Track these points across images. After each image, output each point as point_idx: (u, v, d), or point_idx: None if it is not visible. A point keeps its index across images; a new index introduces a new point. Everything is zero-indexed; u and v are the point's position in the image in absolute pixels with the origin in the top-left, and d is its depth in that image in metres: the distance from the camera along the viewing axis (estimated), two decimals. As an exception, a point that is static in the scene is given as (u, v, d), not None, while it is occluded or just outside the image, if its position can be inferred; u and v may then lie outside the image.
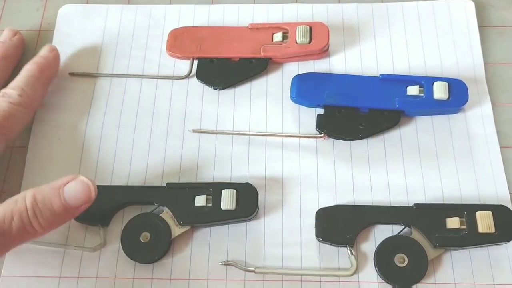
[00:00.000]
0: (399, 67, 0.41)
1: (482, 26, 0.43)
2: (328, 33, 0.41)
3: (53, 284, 0.35)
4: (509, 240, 0.34)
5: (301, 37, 0.41)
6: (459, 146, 0.38)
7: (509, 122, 0.39)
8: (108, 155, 0.39)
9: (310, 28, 0.41)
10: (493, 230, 0.33)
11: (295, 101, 0.40)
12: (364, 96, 0.39)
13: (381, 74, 0.40)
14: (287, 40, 0.41)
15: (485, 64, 0.41)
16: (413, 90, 0.39)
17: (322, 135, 0.38)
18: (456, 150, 0.38)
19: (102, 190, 0.36)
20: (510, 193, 0.37)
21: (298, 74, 0.40)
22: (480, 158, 0.38)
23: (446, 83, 0.38)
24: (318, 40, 0.41)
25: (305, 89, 0.40)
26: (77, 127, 0.40)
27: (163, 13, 0.45)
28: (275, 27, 0.42)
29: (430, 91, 0.38)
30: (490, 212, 0.34)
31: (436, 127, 0.39)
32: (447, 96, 0.38)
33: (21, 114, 0.37)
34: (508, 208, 0.34)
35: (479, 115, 0.39)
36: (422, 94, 0.39)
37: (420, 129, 0.39)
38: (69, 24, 0.44)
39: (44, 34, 0.44)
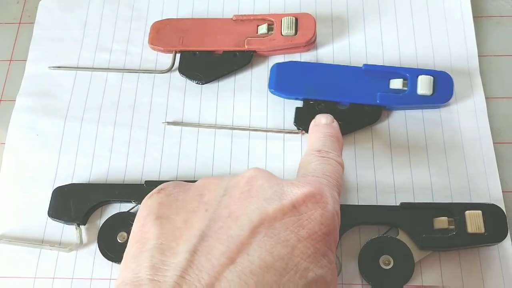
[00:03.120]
0: (389, 59, 0.40)
1: (477, 16, 0.41)
2: (315, 25, 0.39)
3: (27, 285, 0.34)
4: (499, 241, 0.32)
5: (286, 29, 0.39)
6: (450, 142, 0.37)
7: (504, 116, 0.38)
8: (87, 152, 0.38)
9: (296, 20, 0.39)
10: (482, 231, 0.32)
11: (273, 92, 0.38)
12: (345, 89, 0.37)
13: (364, 65, 0.38)
14: (272, 32, 0.40)
15: (479, 55, 0.39)
16: (396, 83, 0.37)
17: (300, 130, 0.37)
18: (447, 146, 0.37)
19: (80, 188, 0.36)
20: (503, 192, 0.35)
21: (278, 63, 0.39)
22: (472, 154, 0.36)
23: (431, 78, 0.36)
24: (304, 32, 0.39)
25: (284, 79, 0.38)
26: (55, 122, 0.39)
27: (146, 4, 0.43)
28: (260, 19, 0.40)
29: (414, 85, 0.36)
30: (479, 212, 0.32)
31: (426, 121, 0.37)
32: (431, 92, 0.36)
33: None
34: (499, 207, 0.33)
35: (472, 109, 0.38)
36: (405, 88, 0.37)
37: (410, 123, 0.37)
38: (49, 17, 0.43)
39: (24, 27, 0.43)
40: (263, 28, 0.40)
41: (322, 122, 0.34)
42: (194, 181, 0.30)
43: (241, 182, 0.27)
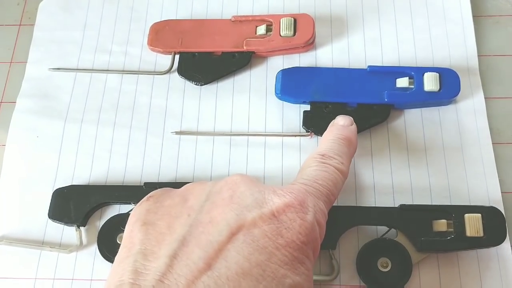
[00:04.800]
0: (389, 60, 0.40)
1: (477, 15, 0.41)
2: (314, 26, 0.39)
3: (28, 286, 0.34)
4: (498, 244, 0.32)
5: (285, 29, 0.39)
6: (449, 143, 0.37)
7: (503, 117, 0.37)
8: (87, 153, 0.38)
9: (295, 20, 0.39)
10: (481, 234, 0.32)
11: (280, 98, 0.38)
12: (352, 90, 0.37)
13: (369, 66, 0.38)
14: (271, 33, 0.40)
15: (479, 55, 0.39)
16: (402, 82, 0.37)
17: (309, 133, 0.37)
18: (446, 147, 0.36)
19: (80, 190, 0.36)
20: (502, 193, 0.35)
21: (283, 69, 0.39)
22: (471, 155, 0.36)
23: (437, 74, 0.37)
24: (303, 32, 0.39)
25: (290, 85, 0.38)
26: (56, 124, 0.39)
27: (146, 6, 0.43)
28: (259, 20, 0.40)
29: (420, 83, 0.37)
30: (479, 215, 0.32)
31: (425, 122, 0.37)
32: (438, 87, 0.36)
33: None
34: (499, 210, 0.32)
35: (471, 110, 0.37)
36: (412, 86, 0.37)
37: (409, 123, 0.37)
38: (49, 18, 0.43)
39: (24, 29, 0.43)
40: (261, 29, 0.40)
41: (339, 123, 0.34)
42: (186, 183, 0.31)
43: (223, 188, 0.28)
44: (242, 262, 0.24)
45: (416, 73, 0.37)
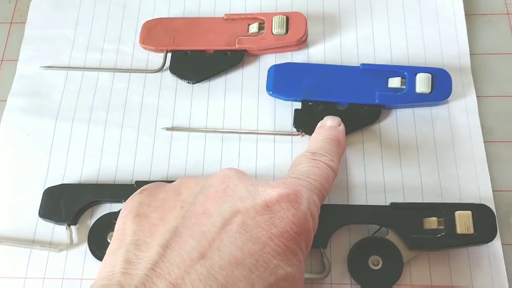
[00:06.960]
0: (381, 58, 0.40)
1: (469, 14, 0.41)
2: (306, 24, 0.39)
3: (18, 285, 0.34)
4: (489, 242, 0.32)
5: (277, 28, 0.39)
6: (441, 141, 0.37)
7: (495, 115, 0.37)
8: (78, 152, 0.38)
9: (287, 19, 0.39)
10: (472, 231, 0.32)
11: (271, 94, 0.38)
12: (343, 89, 0.37)
13: (361, 64, 0.38)
14: (263, 31, 0.39)
15: (471, 54, 0.39)
16: (394, 82, 0.37)
17: (300, 132, 0.37)
18: (438, 145, 0.36)
19: (71, 188, 0.36)
20: (493, 191, 0.35)
21: (275, 65, 0.38)
22: (463, 153, 0.36)
23: (430, 75, 0.36)
24: (295, 31, 0.39)
25: (282, 81, 0.38)
26: (47, 122, 0.39)
27: (138, 3, 0.43)
28: (251, 18, 0.40)
29: (412, 83, 0.37)
30: (469, 212, 0.32)
31: (417, 120, 0.37)
32: (430, 90, 0.36)
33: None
34: (489, 207, 0.32)
35: (463, 108, 0.37)
36: (404, 87, 0.37)
37: (401, 122, 0.37)
38: (41, 16, 0.43)
39: (15, 27, 0.43)
40: (254, 27, 0.40)
41: (327, 124, 0.34)
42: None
43: (217, 181, 0.28)
44: (235, 252, 0.24)
45: (408, 73, 0.37)
